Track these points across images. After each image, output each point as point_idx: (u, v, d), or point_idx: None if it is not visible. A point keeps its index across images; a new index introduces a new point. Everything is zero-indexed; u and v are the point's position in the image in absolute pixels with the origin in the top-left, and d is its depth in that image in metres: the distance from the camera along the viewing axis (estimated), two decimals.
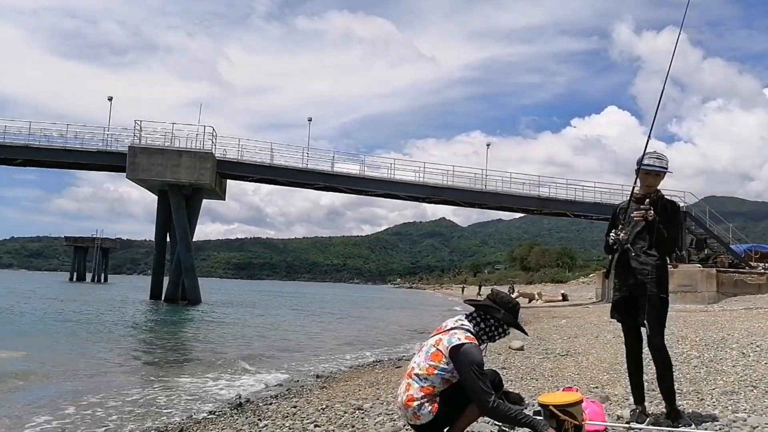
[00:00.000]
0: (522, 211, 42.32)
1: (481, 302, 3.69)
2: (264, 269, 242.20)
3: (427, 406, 3.42)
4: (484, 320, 3.62)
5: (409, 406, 3.46)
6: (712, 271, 23.82)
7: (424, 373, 3.47)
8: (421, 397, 3.44)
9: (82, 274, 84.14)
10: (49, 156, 32.66)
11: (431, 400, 3.43)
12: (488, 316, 3.61)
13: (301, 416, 5.49)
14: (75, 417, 6.35)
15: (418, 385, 3.46)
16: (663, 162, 4.12)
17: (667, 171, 4.14)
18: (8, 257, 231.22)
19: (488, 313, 3.62)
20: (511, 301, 3.69)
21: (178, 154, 31.11)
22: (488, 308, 3.62)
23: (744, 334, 9.26)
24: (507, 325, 3.63)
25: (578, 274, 70.27)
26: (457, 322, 3.62)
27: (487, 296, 3.77)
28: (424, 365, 3.50)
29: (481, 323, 3.61)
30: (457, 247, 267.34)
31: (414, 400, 3.45)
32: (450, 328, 3.57)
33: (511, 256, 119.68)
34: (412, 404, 3.45)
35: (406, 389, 3.51)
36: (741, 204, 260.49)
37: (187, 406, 6.92)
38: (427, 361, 3.50)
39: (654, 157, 4.10)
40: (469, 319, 3.64)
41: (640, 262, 4.00)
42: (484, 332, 3.60)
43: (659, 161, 4.10)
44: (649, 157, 4.09)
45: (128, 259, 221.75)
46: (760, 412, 4.35)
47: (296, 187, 37.22)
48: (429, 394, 3.44)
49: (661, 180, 4.17)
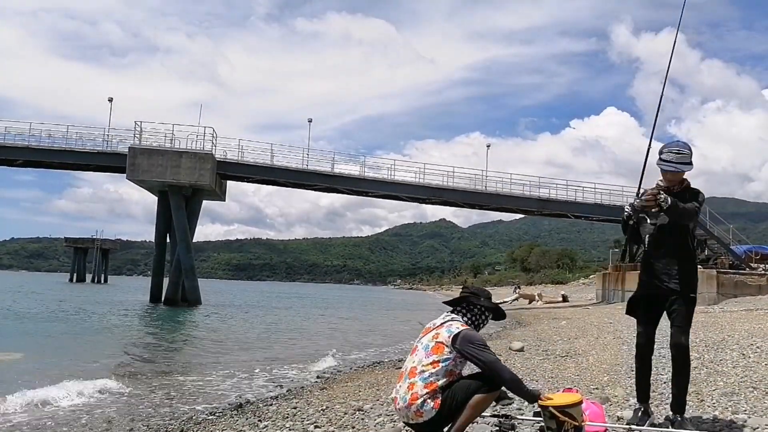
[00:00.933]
0: (522, 212, 42.28)
1: (460, 296, 3.91)
2: (264, 270, 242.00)
3: (430, 402, 3.45)
4: (469, 311, 3.83)
5: (413, 404, 3.47)
6: (712, 273, 23.81)
7: (429, 368, 3.51)
8: (424, 394, 3.46)
9: (82, 275, 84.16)
10: (49, 157, 32.66)
11: (433, 396, 3.46)
12: (471, 306, 3.84)
13: (301, 417, 5.49)
14: (75, 417, 6.35)
15: (423, 383, 3.49)
16: (682, 156, 3.81)
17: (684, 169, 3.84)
18: (8, 258, 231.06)
19: (471, 303, 3.85)
20: (484, 290, 4.00)
21: (178, 155, 31.13)
22: (469, 299, 3.86)
23: (744, 336, 9.26)
24: (488, 311, 3.86)
25: (579, 275, 70.28)
26: (446, 317, 3.77)
27: (461, 291, 3.99)
28: (426, 361, 3.54)
29: (467, 314, 3.82)
30: (458, 248, 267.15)
31: (418, 397, 3.47)
32: (442, 322, 3.72)
33: (511, 257, 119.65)
34: (416, 401, 3.46)
35: (409, 389, 3.53)
36: (741, 205, 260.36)
37: (186, 408, 6.91)
38: (429, 356, 3.55)
39: (673, 152, 3.83)
40: (455, 313, 3.83)
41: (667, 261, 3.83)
42: (472, 322, 3.79)
43: (678, 156, 3.81)
44: (668, 151, 3.84)
45: (128, 260, 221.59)
46: (760, 413, 4.34)
47: (296, 188, 37.23)
48: (432, 389, 3.46)
49: (682, 176, 3.89)
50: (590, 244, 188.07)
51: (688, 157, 3.83)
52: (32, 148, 32.14)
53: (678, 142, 3.89)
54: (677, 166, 3.82)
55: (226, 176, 34.24)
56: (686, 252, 3.89)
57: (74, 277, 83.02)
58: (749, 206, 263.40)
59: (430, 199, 36.05)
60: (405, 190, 34.83)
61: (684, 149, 3.83)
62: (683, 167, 3.84)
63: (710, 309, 19.08)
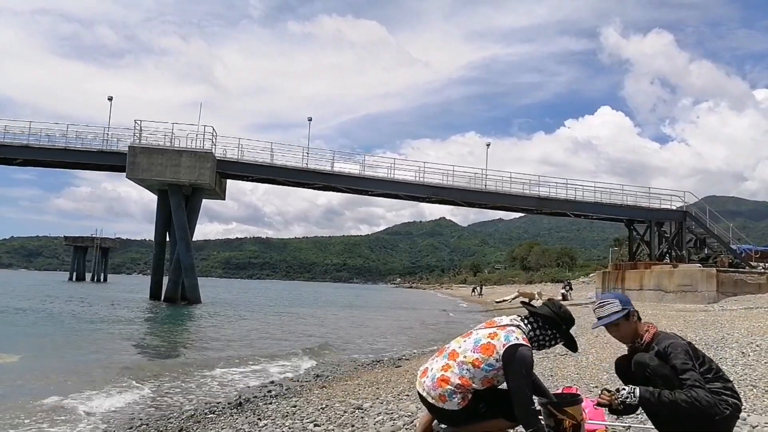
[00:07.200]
0: (522, 211, 42.32)
1: (544, 312, 3.49)
2: (263, 269, 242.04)
3: (458, 397, 3.27)
4: (541, 328, 3.45)
5: (440, 387, 3.29)
6: (712, 271, 23.83)
7: (470, 363, 3.29)
8: (456, 385, 3.27)
9: (82, 273, 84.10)
10: (49, 156, 32.63)
11: (465, 394, 3.27)
12: (546, 326, 3.45)
13: (300, 416, 5.48)
14: (75, 417, 6.35)
15: (458, 373, 3.29)
16: (604, 310, 3.28)
17: (614, 319, 3.23)
18: (8, 257, 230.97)
19: (548, 323, 3.45)
20: (571, 318, 3.52)
21: (178, 153, 31.11)
22: (551, 320, 3.45)
23: (744, 334, 9.26)
24: (562, 340, 3.49)
25: (578, 273, 70.17)
26: (514, 321, 3.47)
27: (544, 304, 3.60)
28: (471, 355, 3.31)
29: (537, 330, 3.44)
30: (457, 246, 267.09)
31: (448, 383, 3.28)
32: (506, 324, 3.43)
33: (511, 255, 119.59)
34: (445, 386, 3.28)
35: (444, 369, 3.34)
36: (741, 203, 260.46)
37: (186, 406, 6.91)
38: (476, 351, 3.31)
39: (597, 307, 3.36)
40: (525, 322, 3.47)
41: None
42: (536, 339, 3.43)
43: (601, 310, 3.30)
44: (594, 310, 3.37)
45: (128, 259, 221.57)
46: (759, 411, 4.35)
47: (296, 187, 37.22)
48: (465, 386, 3.27)
49: (628, 328, 3.26)
50: (590, 242, 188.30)
51: (617, 305, 3.26)
52: (32, 147, 32.10)
53: (603, 295, 3.49)
54: (606, 319, 3.27)
55: (226, 175, 34.22)
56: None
57: (74, 275, 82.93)
58: (749, 205, 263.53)
59: (429, 197, 36.03)
60: (405, 189, 34.81)
61: (605, 301, 3.34)
62: (614, 318, 3.25)
63: (710, 307, 19.09)
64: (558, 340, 3.48)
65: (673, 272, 25.10)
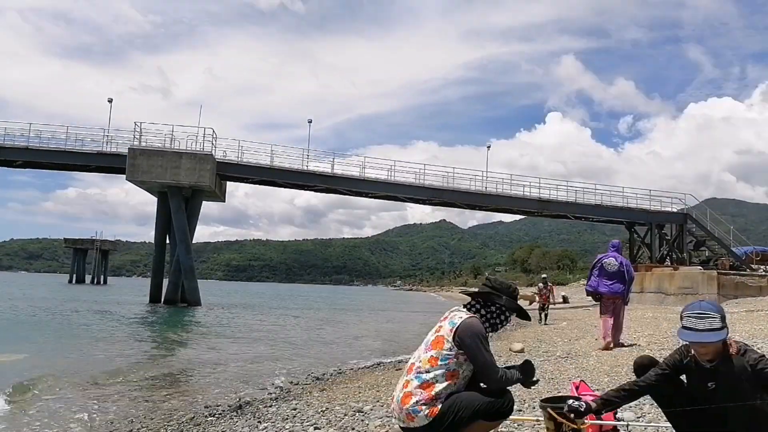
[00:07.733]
0: (522, 213, 42.34)
1: (481, 290, 3.42)
2: (263, 271, 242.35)
3: (425, 409, 3.08)
4: (484, 307, 3.37)
5: (405, 404, 3.12)
6: (713, 274, 23.80)
7: (426, 365, 3.16)
8: (419, 396, 3.11)
9: (82, 275, 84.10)
10: (49, 158, 32.65)
11: (430, 403, 3.09)
12: (488, 303, 3.37)
13: (300, 418, 5.47)
14: (74, 417, 6.33)
15: (418, 382, 3.14)
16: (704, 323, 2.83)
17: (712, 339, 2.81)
18: (7, 259, 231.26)
19: (488, 299, 3.37)
20: (510, 286, 3.45)
21: (177, 155, 31.12)
22: (488, 295, 3.37)
23: (745, 337, 9.23)
24: (509, 311, 3.40)
25: (579, 276, 70.20)
26: (454, 309, 3.40)
27: (483, 283, 3.50)
28: (425, 357, 3.20)
29: (481, 310, 3.36)
30: (458, 249, 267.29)
31: (411, 397, 3.12)
32: (447, 315, 3.36)
33: (511, 258, 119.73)
34: (409, 401, 3.11)
35: (404, 386, 3.19)
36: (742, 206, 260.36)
37: (186, 409, 6.89)
38: (429, 351, 3.20)
39: (694, 316, 2.89)
40: (468, 307, 3.39)
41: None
42: (486, 319, 3.34)
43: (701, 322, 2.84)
44: (687, 316, 2.92)
45: (128, 261, 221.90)
46: None
47: (296, 189, 37.23)
48: (429, 396, 3.10)
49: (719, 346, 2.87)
50: (591, 245, 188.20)
51: (717, 321, 2.84)
52: (32, 149, 32.13)
53: (701, 304, 2.97)
54: (702, 335, 2.84)
55: (226, 177, 34.25)
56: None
57: (74, 278, 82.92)
58: (750, 207, 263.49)
59: (430, 199, 36.06)
60: (405, 191, 34.84)
61: (707, 311, 2.88)
62: (714, 339, 2.83)
63: None
64: (506, 312, 3.39)
65: (673, 275, 25.09)
